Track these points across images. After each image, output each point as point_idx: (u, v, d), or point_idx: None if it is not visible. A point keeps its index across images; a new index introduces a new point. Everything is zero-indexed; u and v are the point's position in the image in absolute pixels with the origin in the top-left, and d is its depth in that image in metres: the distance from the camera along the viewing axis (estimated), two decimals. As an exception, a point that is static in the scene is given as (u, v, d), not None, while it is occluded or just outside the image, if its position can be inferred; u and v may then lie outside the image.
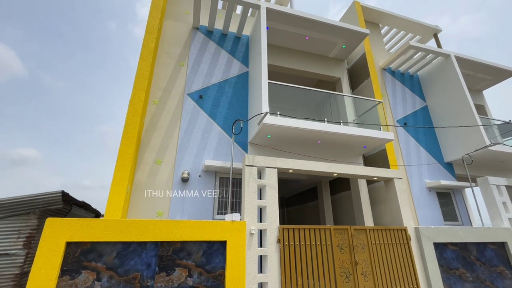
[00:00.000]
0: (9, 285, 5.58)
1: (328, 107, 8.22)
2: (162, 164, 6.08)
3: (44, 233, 3.75)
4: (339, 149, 7.30)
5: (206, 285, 4.14)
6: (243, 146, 6.78)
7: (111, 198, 5.00)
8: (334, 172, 5.76)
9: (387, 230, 5.49)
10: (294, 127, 5.99)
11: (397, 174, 6.26)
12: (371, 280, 4.94)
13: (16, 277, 5.62)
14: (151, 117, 6.41)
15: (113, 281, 3.81)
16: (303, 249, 4.80)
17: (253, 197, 4.93)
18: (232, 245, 4.41)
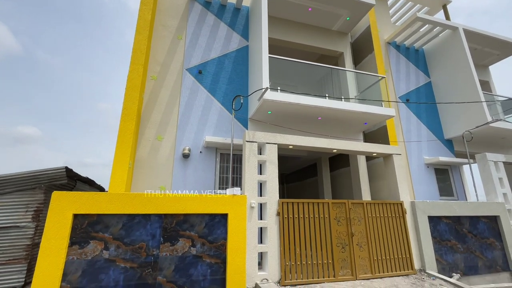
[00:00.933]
0: (22, 255, 5.87)
1: (329, 83, 8.08)
2: (163, 140, 6.12)
3: (51, 205, 3.88)
4: (339, 126, 7.29)
5: (208, 254, 4.36)
6: (243, 123, 6.77)
7: (114, 173, 5.10)
8: (334, 148, 5.80)
9: (384, 204, 5.65)
10: (295, 103, 5.93)
11: (396, 150, 6.31)
12: (365, 250, 5.18)
13: (28, 247, 5.90)
14: (150, 93, 6.34)
15: (120, 250, 4.01)
16: (302, 222, 4.98)
17: (254, 172, 5.02)
18: (233, 218, 4.57)
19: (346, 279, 4.84)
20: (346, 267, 4.95)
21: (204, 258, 4.32)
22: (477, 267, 5.99)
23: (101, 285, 3.82)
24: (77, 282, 3.74)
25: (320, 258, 4.86)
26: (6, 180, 6.32)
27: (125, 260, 3.99)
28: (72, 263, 3.79)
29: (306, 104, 6.01)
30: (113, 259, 3.95)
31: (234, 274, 4.29)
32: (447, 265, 5.77)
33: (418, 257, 5.64)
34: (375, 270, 5.09)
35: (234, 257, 4.38)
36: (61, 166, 6.89)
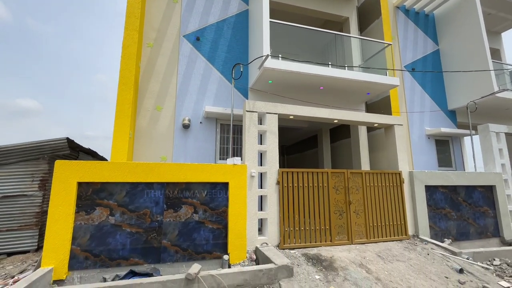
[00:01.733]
0: (32, 221, 6.15)
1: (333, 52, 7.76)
2: (162, 110, 6.05)
3: (55, 174, 3.95)
4: (341, 96, 7.14)
5: (210, 220, 4.53)
6: (243, 92, 6.64)
7: (115, 144, 5.13)
8: (335, 118, 5.74)
9: (382, 173, 5.73)
10: (297, 72, 5.75)
11: (398, 121, 6.25)
12: (362, 217, 5.37)
13: (38, 214, 6.16)
14: (147, 61, 6.14)
15: (125, 216, 4.17)
16: (301, 190, 5.10)
17: (254, 142, 5.03)
18: (234, 186, 4.67)
19: (342, 243, 5.08)
20: (343, 233, 5.17)
21: (206, 223, 4.50)
22: (468, 233, 6.24)
23: (110, 248, 4.03)
24: (87, 245, 3.95)
25: (318, 224, 5.05)
26: (10, 150, 6.41)
27: (130, 225, 4.17)
28: (80, 227, 3.97)
29: (308, 73, 5.83)
30: (119, 224, 4.12)
31: (235, 239, 4.50)
32: (439, 231, 6.01)
33: (413, 224, 5.86)
34: (370, 235, 5.32)
35: (235, 223, 4.56)
36: (63, 137, 6.93)
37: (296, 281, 3.65)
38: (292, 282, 3.63)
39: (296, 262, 4.19)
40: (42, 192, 6.24)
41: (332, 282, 3.71)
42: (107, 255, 4.00)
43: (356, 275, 3.90)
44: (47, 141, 6.68)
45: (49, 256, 3.74)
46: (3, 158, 6.36)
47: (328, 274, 3.91)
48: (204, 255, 4.39)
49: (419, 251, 4.98)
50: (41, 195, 6.22)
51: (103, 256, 3.98)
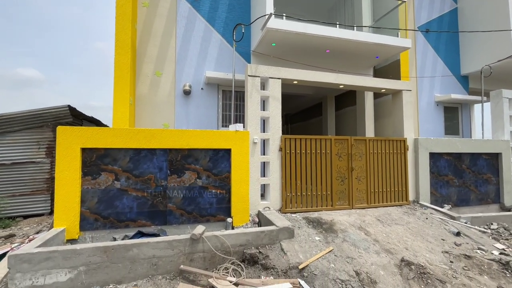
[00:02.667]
0: (43, 187, 6.38)
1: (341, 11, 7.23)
2: (162, 76, 5.87)
3: (58, 140, 3.96)
4: (349, 60, 6.80)
5: (214, 185, 4.62)
6: (245, 56, 6.35)
7: (116, 110, 5.07)
8: (341, 83, 5.51)
9: (387, 140, 5.66)
10: (302, 33, 5.41)
11: (407, 86, 5.99)
12: (364, 183, 5.42)
13: (48, 180, 6.37)
14: (143, 23, 5.81)
15: (130, 181, 4.26)
16: (304, 157, 5.10)
17: (256, 108, 4.92)
18: (236, 153, 4.67)
19: (343, 208, 5.20)
20: (344, 198, 5.27)
21: (210, 188, 4.60)
22: (468, 200, 6.32)
23: (117, 211, 4.18)
24: (95, 208, 4.10)
25: (320, 190, 5.13)
26: (13, 118, 6.44)
27: (136, 189, 4.28)
28: (87, 191, 4.09)
29: (314, 34, 5.48)
30: (125, 188, 4.23)
31: (238, 203, 4.62)
32: (440, 197, 6.09)
33: (414, 190, 5.92)
34: (370, 201, 5.42)
35: (238, 188, 4.64)
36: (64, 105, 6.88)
37: (297, 242, 3.80)
38: (292, 242, 3.78)
39: (297, 225, 4.33)
40: (49, 159, 6.38)
41: (331, 243, 3.86)
42: (116, 217, 4.17)
43: (355, 237, 4.04)
44: (49, 109, 6.66)
45: (60, 217, 3.91)
46: (8, 126, 6.41)
47: (327, 235, 4.06)
48: (209, 218, 4.56)
49: (418, 216, 5.10)
50: (49, 162, 6.37)
51: (112, 218, 4.16)
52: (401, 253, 3.73)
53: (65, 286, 2.98)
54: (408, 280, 3.20)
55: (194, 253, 3.43)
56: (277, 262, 3.41)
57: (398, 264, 3.48)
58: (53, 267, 2.98)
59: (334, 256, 3.54)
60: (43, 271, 2.95)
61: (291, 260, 3.40)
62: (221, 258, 3.48)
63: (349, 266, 3.36)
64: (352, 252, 3.66)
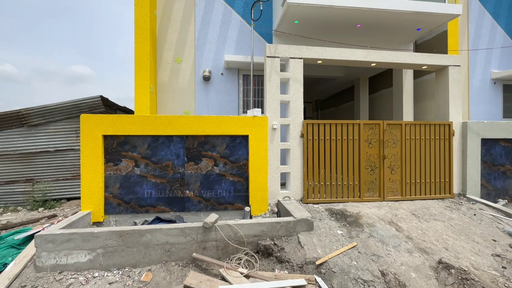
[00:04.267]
0: (82, 172, 6.85)
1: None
2: (182, 62, 5.80)
3: (82, 127, 4.12)
4: (384, 35, 6.02)
5: (231, 173, 4.48)
6: (267, 37, 5.97)
7: (137, 98, 5.14)
8: (372, 60, 4.89)
9: (427, 125, 4.94)
10: (328, 6, 4.85)
11: (454, 61, 5.12)
12: (398, 173, 4.84)
13: (85, 166, 6.82)
14: (163, 9, 5.73)
15: (149, 168, 4.31)
16: (328, 144, 4.68)
17: (275, 92, 4.59)
18: (254, 139, 4.45)
19: (372, 200, 4.73)
20: (374, 189, 4.78)
21: (227, 176, 4.47)
22: (531, 194, 5.34)
23: (138, 196, 4.28)
24: (117, 193, 4.24)
25: (346, 179, 4.71)
26: (53, 109, 6.95)
27: (155, 176, 4.32)
28: (110, 177, 4.23)
29: (342, 6, 4.89)
30: (145, 175, 4.30)
31: (256, 192, 4.44)
32: (493, 190, 5.23)
33: (460, 182, 5.16)
34: (406, 192, 4.84)
35: (256, 176, 4.45)
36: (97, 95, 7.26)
37: (316, 235, 3.51)
38: (311, 235, 3.50)
39: (318, 217, 4.02)
40: (85, 147, 6.82)
41: (356, 238, 3.49)
42: (136, 203, 4.28)
43: (383, 233, 3.61)
44: (83, 100, 7.08)
45: (87, 201, 4.11)
46: (50, 116, 6.96)
47: (352, 229, 3.69)
48: (226, 206, 4.46)
49: (464, 211, 4.42)
50: (85, 149, 6.82)
51: (133, 203, 4.27)
52: (439, 253, 3.23)
53: (85, 267, 3.11)
54: (446, 286, 2.75)
55: (207, 241, 3.35)
56: (293, 255, 3.18)
57: (435, 267, 3.01)
58: (74, 248, 3.12)
59: (357, 252, 3.19)
60: (65, 251, 3.11)
61: (308, 255, 3.14)
62: (234, 248, 3.36)
63: (374, 265, 3.00)
64: (379, 249, 3.27)
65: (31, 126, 6.97)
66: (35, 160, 7.05)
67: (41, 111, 6.89)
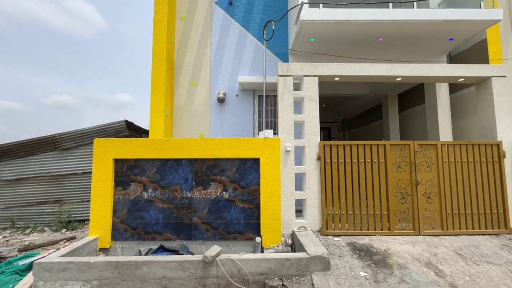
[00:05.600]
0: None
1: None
2: (198, 85, 5.85)
3: (94, 151, 4.18)
4: (411, 48, 5.54)
5: (241, 199, 4.16)
6: (282, 57, 5.83)
7: (152, 121, 5.19)
8: (397, 75, 4.42)
9: (469, 145, 4.22)
10: (344, 21, 4.60)
11: (497, 71, 4.43)
12: (436, 202, 4.12)
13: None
14: (181, 36, 5.94)
15: (157, 192, 4.18)
16: (349, 167, 4.19)
17: (288, 112, 4.31)
18: (266, 163, 4.13)
19: (405, 233, 4.03)
20: (406, 220, 4.09)
21: (237, 202, 4.16)
22: None
23: (145, 222, 4.13)
24: (125, 218, 4.13)
25: (372, 208, 4.11)
26: (83, 133, 7.37)
27: (162, 201, 4.16)
28: (118, 202, 4.16)
29: (360, 20, 4.60)
30: (152, 199, 4.16)
31: (268, 220, 4.04)
32: None
33: (518, 213, 4.23)
34: (447, 225, 4.07)
35: (268, 202, 4.07)
36: (122, 120, 7.60)
37: (333, 276, 2.98)
38: (327, 277, 2.98)
39: (337, 253, 3.47)
40: (107, 169, 7.04)
41: (383, 282, 2.89)
42: (143, 229, 4.11)
43: (418, 277, 2.95)
44: (110, 124, 7.45)
45: (95, 226, 4.05)
46: (80, 140, 7.40)
47: (378, 271, 3.09)
48: (236, 236, 4.10)
49: (527, 252, 3.53)
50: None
51: (139, 229, 4.12)
52: (495, 311, 2.50)
53: (79, 300, 2.93)
54: None
55: (207, 278, 3.00)
56: (304, 302, 2.69)
57: (490, 331, 2.31)
58: (69, 278, 2.97)
59: (384, 303, 2.60)
60: (61, 282, 2.97)
61: (321, 302, 2.62)
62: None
63: (406, 322, 2.38)
64: (413, 300, 2.63)
65: (63, 150, 7.43)
66: (64, 181, 7.42)
67: (72, 135, 7.36)
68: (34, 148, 7.40)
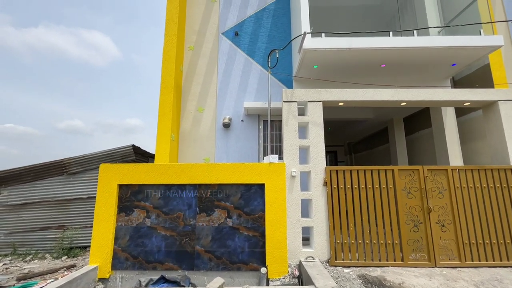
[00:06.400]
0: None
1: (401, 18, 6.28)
2: (204, 111, 5.96)
3: (100, 176, 4.19)
4: (414, 73, 5.61)
5: (246, 227, 4.03)
6: (287, 83, 5.96)
7: (158, 146, 5.24)
8: (401, 100, 4.43)
9: (481, 170, 4.08)
10: (346, 49, 4.73)
11: (503, 95, 4.40)
12: (451, 231, 3.90)
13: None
14: (189, 64, 6.18)
15: (160, 219, 4.09)
16: (356, 193, 4.06)
17: (293, 137, 4.30)
18: (271, 188, 4.05)
19: (420, 264, 3.78)
20: (421, 250, 3.85)
21: (241, 230, 4.02)
22: None
23: (146, 250, 4.00)
24: (126, 246, 4.02)
25: (383, 237, 3.91)
26: (91, 158, 7.45)
27: (165, 228, 4.06)
28: (121, 229, 4.08)
29: (361, 48, 4.73)
30: (155, 227, 4.07)
31: (274, 249, 3.87)
32: None
33: (542, 243, 3.95)
34: (465, 256, 3.81)
35: (273, 230, 3.93)
36: (129, 145, 7.70)
37: (344, 314, 2.76)
38: (338, 314, 2.76)
39: (348, 286, 3.25)
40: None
41: (399, 321, 2.65)
42: (144, 257, 3.98)
43: (438, 316, 2.71)
44: (117, 149, 7.55)
45: (95, 254, 3.94)
46: (87, 165, 7.47)
47: (393, 308, 2.85)
48: (240, 266, 3.91)
49: (557, 288, 3.24)
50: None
51: (140, 258, 3.98)
52: None
53: (73, 336, 2.76)
54: None
55: (208, 313, 2.82)
56: None
57: None
58: (65, 312, 2.83)
59: None
60: (56, 316, 2.83)
61: None
62: (240, 325, 2.76)
63: None
64: None
65: (70, 174, 7.49)
66: (69, 206, 7.38)
67: (80, 160, 7.44)
68: (42, 173, 7.48)
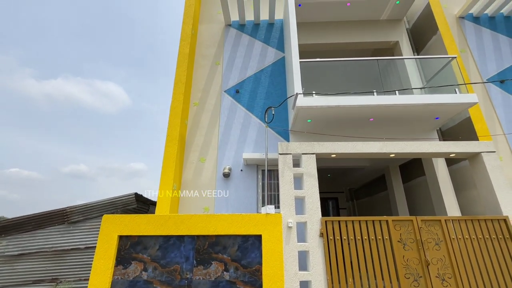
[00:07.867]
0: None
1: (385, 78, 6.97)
2: (205, 162, 6.29)
3: (101, 227, 4.31)
4: (402, 126, 6.02)
5: (243, 281, 3.98)
6: (284, 135, 6.38)
7: (160, 195, 5.43)
8: (389, 152, 4.74)
9: (474, 220, 4.15)
10: (335, 106, 5.23)
11: (486, 147, 4.70)
12: (452, 285, 3.80)
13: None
14: (193, 118, 6.73)
15: (157, 272, 4.07)
16: (353, 245, 4.09)
17: (289, 188, 4.51)
18: (268, 240, 4.11)
19: (425, 324, 3.61)
20: (424, 308, 3.71)
21: (238, 284, 3.96)
22: None
23: (141, 307, 3.90)
24: (121, 302, 3.93)
25: (383, 292, 3.81)
26: (93, 206, 7.58)
27: (161, 282, 4.02)
28: (117, 282, 4.04)
29: (350, 105, 5.22)
30: (151, 280, 4.03)
31: (271, 306, 3.76)
32: None
33: (552, 300, 3.80)
34: (471, 315, 3.65)
35: (271, 285, 3.87)
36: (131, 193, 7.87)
37: None
38: None
39: None
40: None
41: None
42: (138, 315, 3.86)
43: None
44: (119, 197, 7.69)
45: (88, 311, 3.84)
46: (89, 214, 7.54)
47: None
48: (236, 325, 3.76)
49: None
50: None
51: (134, 316, 3.86)
52: None
53: None
54: None
55: None
56: None
57: None
58: None
59: None
60: None
61: None
62: None
63: None
64: None
65: (71, 223, 7.52)
66: (65, 257, 7.22)
67: (82, 209, 7.53)
68: (43, 222, 7.51)
